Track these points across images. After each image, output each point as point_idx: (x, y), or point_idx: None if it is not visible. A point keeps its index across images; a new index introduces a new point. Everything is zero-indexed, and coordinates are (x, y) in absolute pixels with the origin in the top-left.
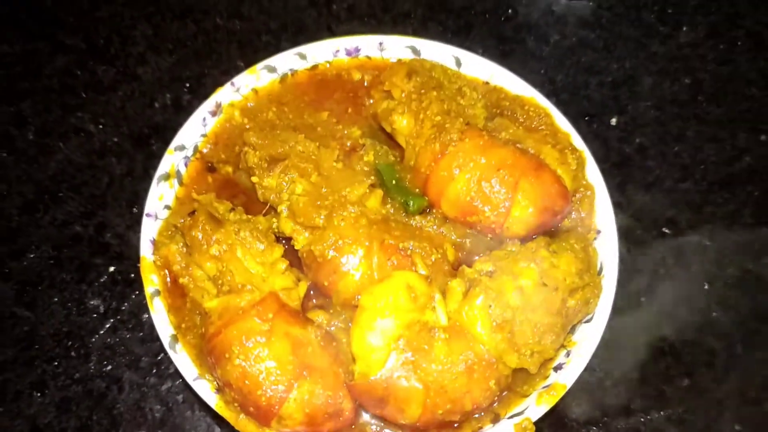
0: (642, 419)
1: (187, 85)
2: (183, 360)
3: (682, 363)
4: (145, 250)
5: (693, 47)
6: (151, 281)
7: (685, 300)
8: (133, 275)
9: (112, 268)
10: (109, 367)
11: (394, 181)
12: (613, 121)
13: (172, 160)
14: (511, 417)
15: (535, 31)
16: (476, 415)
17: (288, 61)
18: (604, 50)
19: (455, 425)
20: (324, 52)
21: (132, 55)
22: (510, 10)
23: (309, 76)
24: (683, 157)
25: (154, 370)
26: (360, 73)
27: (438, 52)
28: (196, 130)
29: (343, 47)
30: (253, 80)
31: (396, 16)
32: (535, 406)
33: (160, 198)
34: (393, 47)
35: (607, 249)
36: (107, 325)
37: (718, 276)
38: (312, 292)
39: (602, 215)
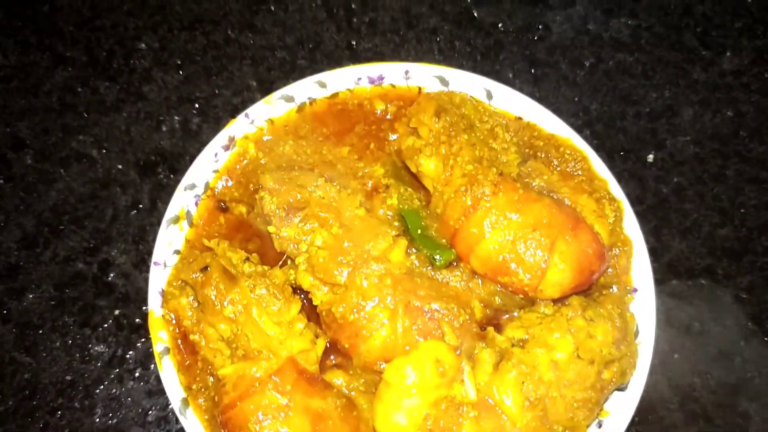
0: None
1: (197, 106)
2: (194, 426)
3: (715, 426)
4: (154, 303)
5: (736, 75)
6: (160, 338)
7: (720, 358)
8: (139, 320)
9: (117, 312)
10: (115, 421)
11: (419, 230)
12: (650, 157)
13: (182, 202)
14: None
15: (569, 53)
16: None
17: (306, 89)
18: (642, 76)
19: None
20: (345, 80)
21: (137, 71)
22: (541, 27)
23: (328, 105)
24: (722, 199)
25: (162, 425)
26: (383, 103)
27: (468, 83)
28: (207, 167)
29: (366, 75)
30: (269, 110)
31: (420, 33)
32: None
33: (170, 244)
34: (419, 76)
35: (644, 312)
36: (112, 375)
37: (755, 332)
38: (329, 346)
39: (639, 272)
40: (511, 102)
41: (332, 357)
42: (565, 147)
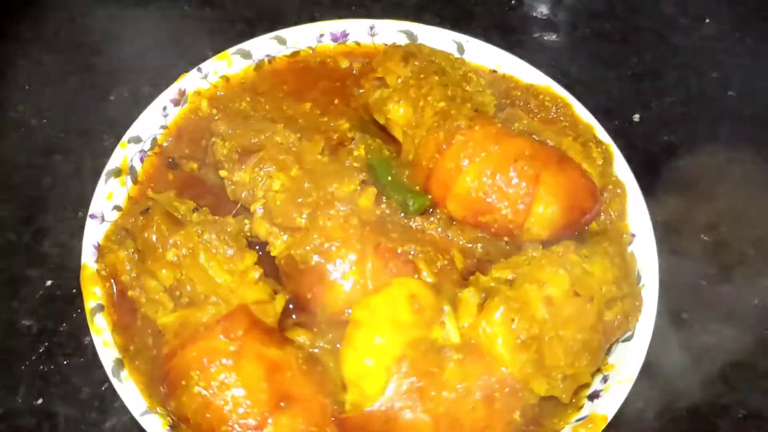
0: None
1: (148, 77)
2: (129, 390)
3: (736, 390)
4: (88, 257)
5: (718, 40)
6: (93, 294)
7: (733, 316)
8: (75, 290)
9: (49, 282)
10: (41, 401)
11: (390, 178)
12: (636, 117)
13: (124, 154)
14: None
15: (541, 22)
16: None
17: (265, 46)
18: (620, 42)
19: None
20: (306, 37)
21: (85, 44)
22: (514, 0)
23: (289, 64)
24: (718, 155)
25: (96, 404)
26: (348, 60)
27: (437, 38)
28: (155, 121)
29: (329, 31)
30: (224, 66)
31: (387, 6)
32: None
33: (109, 197)
34: (386, 32)
35: (645, 255)
36: (41, 350)
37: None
38: (292, 307)
39: (636, 217)
40: (484, 55)
41: (293, 316)
42: (545, 95)
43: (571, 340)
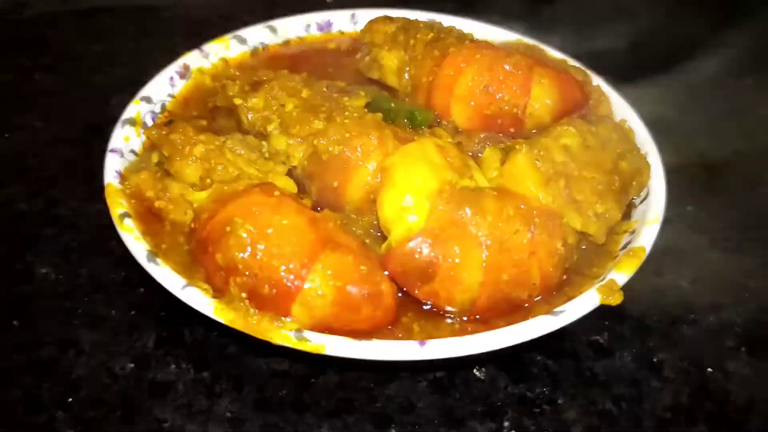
0: (736, 313)
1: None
2: (165, 272)
3: (761, 259)
4: (111, 179)
5: None
6: (120, 204)
7: (738, 204)
8: (93, 241)
9: (67, 237)
10: (64, 332)
11: (392, 104)
12: None
13: (138, 108)
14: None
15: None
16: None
17: (258, 34)
18: None
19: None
20: (295, 27)
21: (84, 66)
22: None
23: (281, 51)
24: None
25: (125, 328)
26: (335, 44)
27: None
28: (163, 89)
29: (315, 21)
30: (223, 49)
31: None
32: (615, 272)
33: (126, 139)
34: (366, 18)
35: (639, 133)
36: (60, 291)
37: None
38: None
39: (623, 115)
40: (456, 25)
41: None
42: (518, 45)
43: (594, 180)
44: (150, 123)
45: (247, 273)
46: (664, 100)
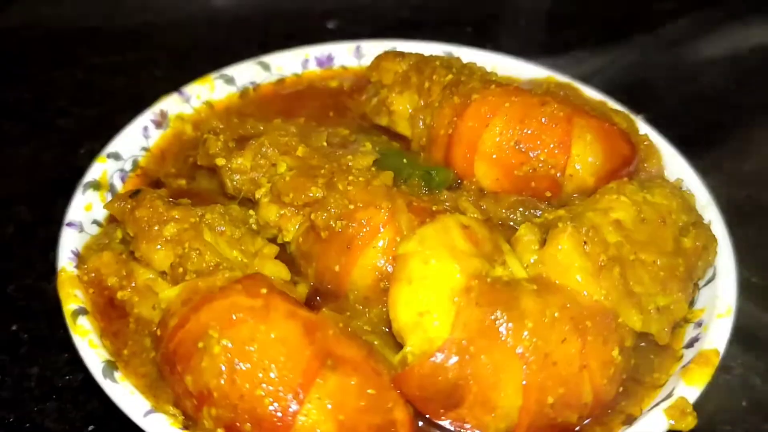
0: None
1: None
2: (123, 390)
3: None
4: (65, 262)
5: None
6: (74, 297)
7: None
8: (46, 332)
9: (14, 327)
10: None
11: (405, 160)
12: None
13: (103, 168)
14: (652, 409)
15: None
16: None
17: (248, 71)
18: None
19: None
20: (291, 63)
21: (48, 108)
22: None
23: (275, 90)
24: None
25: None
26: (337, 81)
27: (426, 51)
28: (135, 142)
29: (313, 56)
30: (206, 91)
31: None
32: (685, 386)
33: (88, 208)
34: (372, 53)
35: (700, 197)
36: (4, 397)
37: None
38: (319, 300)
39: (676, 170)
40: (478, 60)
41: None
42: (548, 84)
43: (654, 264)
44: (119, 184)
45: (224, 404)
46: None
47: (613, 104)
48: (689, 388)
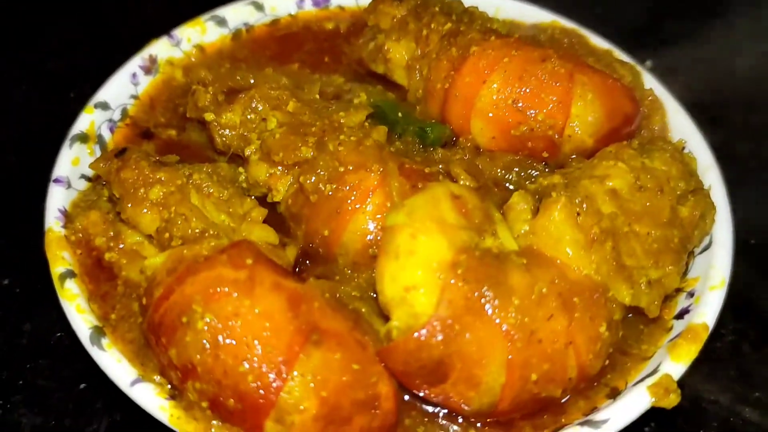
0: None
1: None
2: (113, 359)
3: None
4: (52, 221)
5: None
6: (62, 259)
7: None
8: (38, 287)
9: (6, 281)
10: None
11: (400, 114)
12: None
13: (91, 119)
14: (637, 384)
15: None
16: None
17: (241, 12)
18: None
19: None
20: (285, 2)
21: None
22: None
23: (269, 32)
24: None
25: (70, 407)
26: (333, 23)
27: None
28: (124, 89)
29: None
30: (198, 34)
31: None
32: (671, 362)
33: (75, 162)
34: None
35: (702, 159)
36: None
37: None
38: (308, 263)
39: (680, 127)
40: (480, 3)
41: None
42: (554, 29)
43: (648, 236)
44: (107, 135)
45: (207, 379)
46: None
47: (619, 54)
48: (675, 364)
